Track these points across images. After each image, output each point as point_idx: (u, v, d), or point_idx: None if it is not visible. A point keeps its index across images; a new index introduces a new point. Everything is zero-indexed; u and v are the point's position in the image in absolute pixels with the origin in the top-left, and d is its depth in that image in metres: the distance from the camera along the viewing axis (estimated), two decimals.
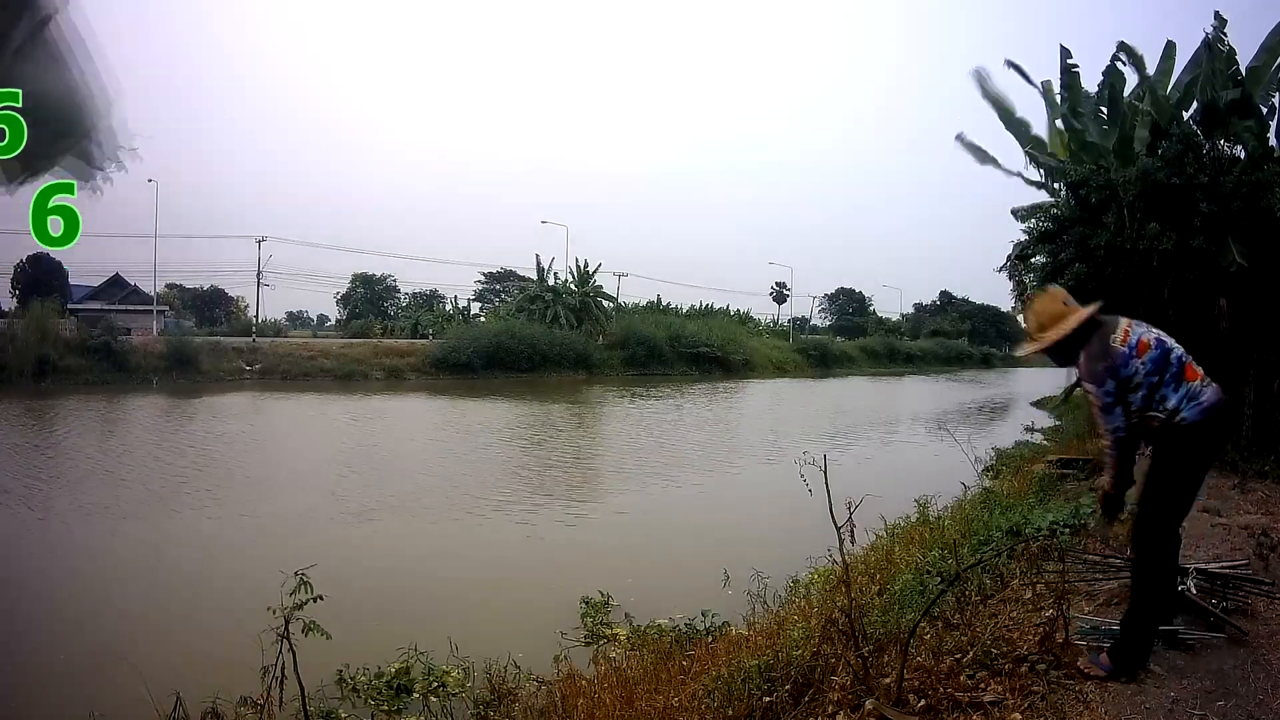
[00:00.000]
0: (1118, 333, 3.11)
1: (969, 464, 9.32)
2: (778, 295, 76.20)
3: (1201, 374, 3.07)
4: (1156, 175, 8.61)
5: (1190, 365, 3.07)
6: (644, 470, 13.95)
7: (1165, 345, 3.10)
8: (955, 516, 7.17)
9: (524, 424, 21.00)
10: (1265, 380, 8.73)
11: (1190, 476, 3.12)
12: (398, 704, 4.61)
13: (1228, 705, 2.86)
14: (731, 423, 24.04)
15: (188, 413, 22.26)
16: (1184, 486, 3.12)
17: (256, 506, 10.58)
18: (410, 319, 53.15)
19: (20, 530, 9.27)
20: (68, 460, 13.96)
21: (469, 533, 9.52)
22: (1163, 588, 3.13)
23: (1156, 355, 3.05)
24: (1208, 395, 3.02)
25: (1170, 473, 3.06)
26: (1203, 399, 3.01)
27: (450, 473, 13.30)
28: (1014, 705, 2.86)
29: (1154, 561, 3.08)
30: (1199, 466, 3.13)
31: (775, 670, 3.36)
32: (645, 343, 44.17)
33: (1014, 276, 11.20)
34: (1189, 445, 3.02)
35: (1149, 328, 3.18)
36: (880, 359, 61.14)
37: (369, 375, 34.94)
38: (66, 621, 6.33)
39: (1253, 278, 8.36)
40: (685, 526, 10.16)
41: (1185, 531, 5.34)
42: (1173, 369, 3.04)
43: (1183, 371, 3.05)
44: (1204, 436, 3.03)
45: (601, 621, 6.07)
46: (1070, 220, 9.62)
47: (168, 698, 4.06)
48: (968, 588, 4.11)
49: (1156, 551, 3.08)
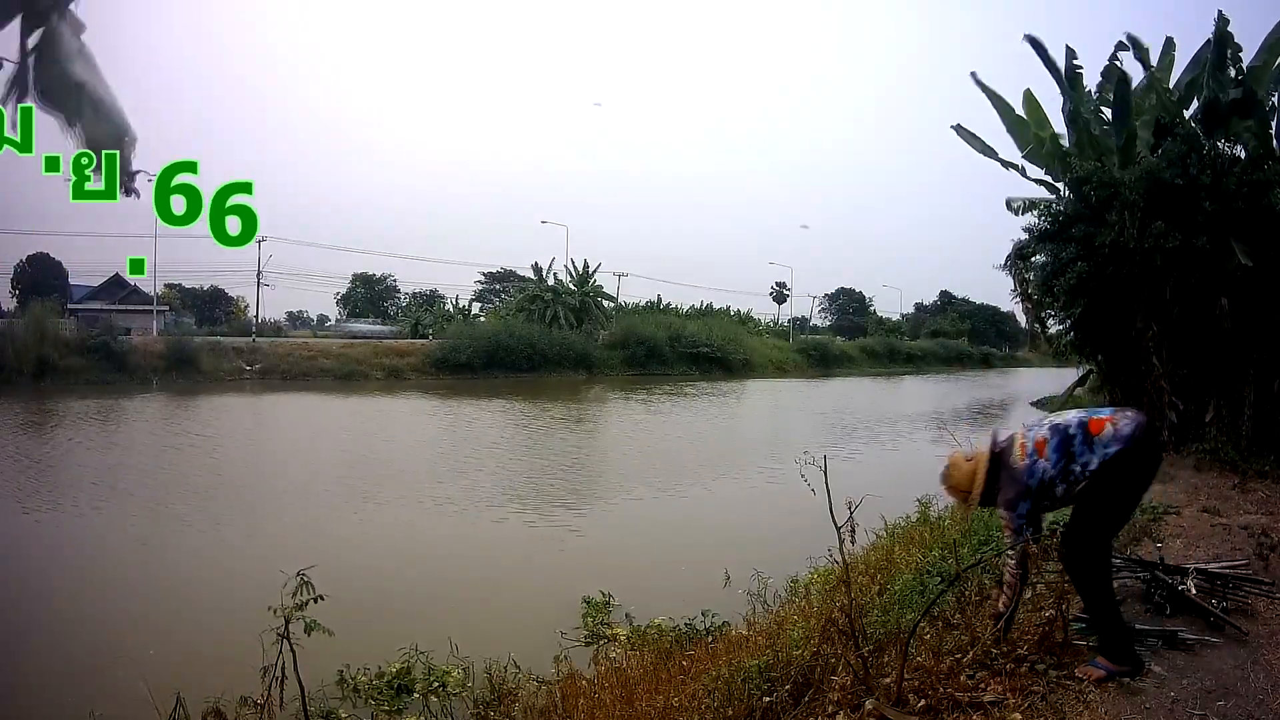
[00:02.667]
0: (1015, 451, 3.23)
1: None
2: (778, 295, 76.31)
3: (1110, 417, 3.14)
4: (1161, 174, 8.60)
5: (1095, 419, 3.15)
6: (644, 470, 13.95)
7: (1059, 427, 3.19)
8: (955, 516, 7.16)
9: (524, 424, 20.99)
10: (1265, 380, 8.73)
11: (1120, 507, 3.21)
12: (398, 704, 4.60)
13: (1228, 705, 2.86)
14: (731, 422, 24.04)
15: (187, 413, 22.27)
16: (1112, 518, 3.23)
17: (256, 506, 10.59)
18: (410, 319, 53.19)
19: (20, 530, 9.27)
20: (67, 460, 13.96)
21: (469, 533, 9.52)
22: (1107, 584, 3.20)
23: (1056, 443, 3.15)
24: (1124, 429, 3.08)
25: (1104, 501, 3.13)
26: (1120, 433, 3.07)
27: (450, 473, 13.30)
28: (1014, 705, 2.86)
29: (1096, 575, 3.15)
30: (1129, 494, 3.20)
31: (775, 670, 3.36)
32: (645, 343, 44.16)
33: (1014, 275, 11.19)
34: (1115, 478, 3.08)
35: (1038, 422, 3.32)
36: (880, 359, 61.11)
37: (369, 375, 34.94)
38: (66, 621, 6.33)
39: (1255, 278, 8.36)
40: (685, 526, 10.16)
41: (1185, 531, 5.37)
42: (1076, 439, 3.12)
43: (1089, 431, 3.12)
44: (1127, 466, 3.09)
45: (602, 621, 6.07)
46: (1072, 218, 9.60)
47: (168, 698, 4.06)
48: (968, 588, 4.11)
49: (1098, 567, 3.16)
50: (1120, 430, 3.07)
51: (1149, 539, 5.07)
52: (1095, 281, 9.16)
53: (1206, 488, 7.01)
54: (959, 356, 69.22)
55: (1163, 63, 10.28)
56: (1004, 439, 3.33)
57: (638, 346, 43.96)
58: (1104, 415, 3.16)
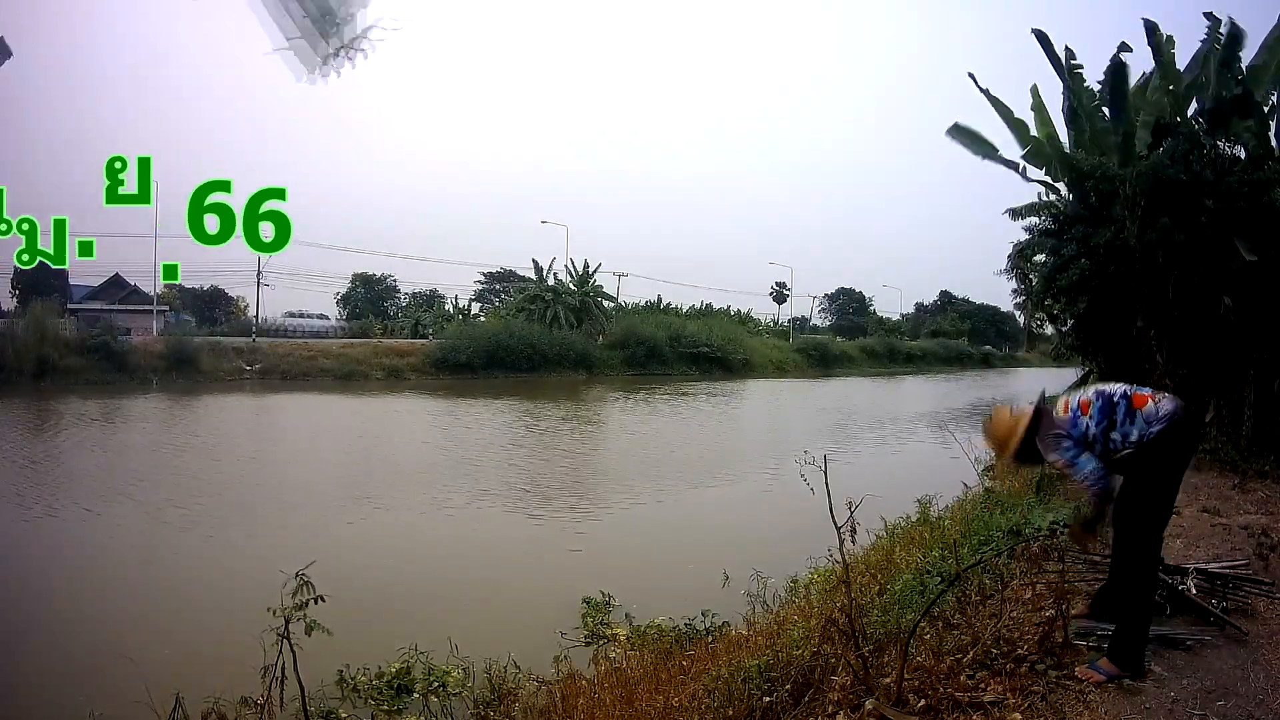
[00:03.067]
0: (1058, 408, 3.36)
1: (969, 464, 9.31)
2: (778, 295, 76.30)
3: (1151, 395, 3.22)
4: (1164, 171, 8.58)
5: (1138, 394, 3.22)
6: (644, 470, 13.94)
7: (1104, 393, 3.27)
8: (955, 516, 7.17)
9: (524, 424, 20.99)
10: (1265, 380, 8.73)
11: (1165, 485, 3.22)
12: (398, 704, 4.60)
13: (1228, 705, 2.86)
14: (731, 422, 24.04)
15: (187, 412, 22.27)
16: (1161, 495, 3.23)
17: (256, 506, 10.58)
18: (410, 319, 53.17)
19: (20, 530, 9.26)
20: (67, 460, 13.95)
21: (469, 533, 9.52)
22: (1150, 589, 3.21)
23: (1100, 405, 3.23)
24: (1165, 407, 3.15)
25: (1146, 485, 3.17)
26: (1161, 412, 3.13)
27: (450, 472, 13.30)
28: (1014, 705, 2.86)
29: (1141, 567, 3.16)
30: (1173, 473, 3.23)
31: (775, 670, 3.36)
32: (645, 343, 44.15)
33: (1016, 274, 11.19)
34: (1159, 456, 3.13)
35: (1084, 389, 3.43)
36: (880, 359, 61.09)
37: (369, 375, 34.94)
38: (66, 621, 6.32)
39: (1256, 276, 8.36)
40: (685, 526, 10.16)
41: (1185, 531, 5.36)
42: (1120, 408, 3.20)
43: (1131, 404, 3.19)
44: (1171, 445, 3.14)
45: (602, 621, 6.06)
46: (1073, 217, 9.60)
47: (168, 698, 4.05)
48: (968, 588, 4.11)
49: (1143, 558, 3.16)
50: (1162, 409, 3.14)
51: None
52: (1096, 280, 9.15)
53: (1206, 488, 7.01)
54: (959, 356, 69.22)
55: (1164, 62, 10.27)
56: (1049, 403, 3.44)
57: (638, 346, 43.94)
58: (1146, 393, 3.23)
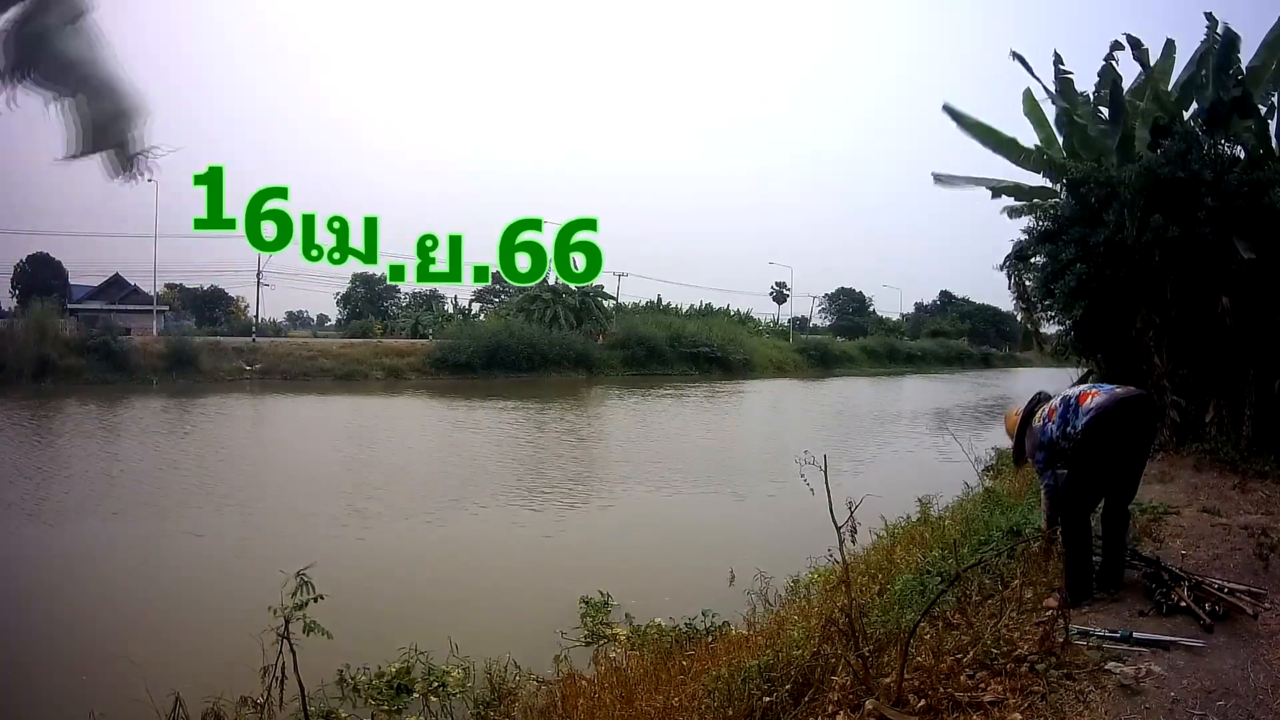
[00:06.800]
0: (1043, 412, 4.08)
1: (970, 464, 9.31)
2: (778, 295, 76.31)
3: (1095, 391, 3.91)
4: (1160, 170, 8.57)
5: (1085, 393, 3.93)
6: (644, 470, 13.94)
7: (1066, 398, 4.00)
8: (956, 516, 7.16)
9: (524, 424, 20.99)
10: (1266, 380, 8.71)
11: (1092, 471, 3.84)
12: (398, 704, 4.60)
13: (1228, 705, 2.85)
14: (731, 423, 24.04)
15: (187, 413, 22.26)
16: (1087, 480, 3.88)
17: (256, 506, 10.59)
18: (410, 319, 53.17)
19: (20, 531, 9.26)
20: (67, 460, 13.95)
21: (469, 533, 9.52)
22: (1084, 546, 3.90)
23: (1061, 410, 3.95)
24: (1097, 401, 3.81)
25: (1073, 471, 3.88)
26: (1093, 404, 3.80)
27: (450, 473, 13.30)
28: (1014, 705, 2.86)
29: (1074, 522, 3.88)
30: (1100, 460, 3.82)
31: (775, 670, 3.36)
32: (645, 343, 44.16)
33: (1013, 276, 11.17)
34: (1085, 445, 3.80)
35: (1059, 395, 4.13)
36: (880, 359, 61.10)
37: (369, 375, 34.96)
38: (66, 621, 6.32)
39: (1256, 276, 8.34)
40: (685, 526, 10.16)
41: (1185, 531, 5.36)
42: (1071, 409, 3.89)
43: (1078, 403, 3.88)
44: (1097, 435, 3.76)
45: (601, 621, 6.06)
46: (1070, 220, 9.58)
47: (168, 698, 4.06)
48: (968, 588, 4.10)
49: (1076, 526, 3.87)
50: (1094, 402, 3.80)
51: (1149, 539, 5.06)
52: (1095, 282, 9.13)
53: (1206, 488, 7.00)
54: (959, 356, 69.26)
55: (1161, 65, 10.27)
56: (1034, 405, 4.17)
57: (638, 346, 43.96)
58: (1093, 390, 3.94)
